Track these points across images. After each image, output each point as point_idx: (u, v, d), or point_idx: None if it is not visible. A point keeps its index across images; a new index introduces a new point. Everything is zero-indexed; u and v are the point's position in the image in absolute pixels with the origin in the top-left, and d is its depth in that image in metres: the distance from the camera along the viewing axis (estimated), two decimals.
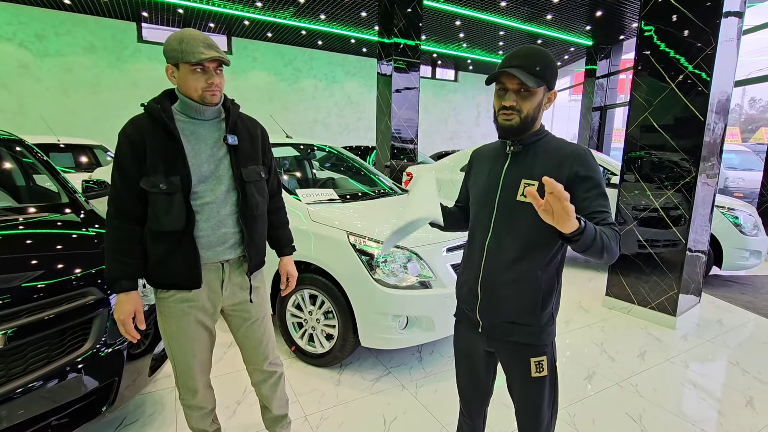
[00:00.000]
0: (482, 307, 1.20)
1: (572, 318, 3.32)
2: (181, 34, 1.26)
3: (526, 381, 1.19)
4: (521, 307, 1.15)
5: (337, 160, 4.12)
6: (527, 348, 1.17)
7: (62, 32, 9.49)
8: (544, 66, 1.07)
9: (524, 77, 1.04)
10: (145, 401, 2.11)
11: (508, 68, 1.06)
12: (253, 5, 8.92)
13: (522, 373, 1.19)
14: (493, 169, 1.20)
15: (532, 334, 1.17)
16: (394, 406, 2.16)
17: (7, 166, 2.69)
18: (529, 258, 1.12)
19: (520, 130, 1.12)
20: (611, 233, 1.01)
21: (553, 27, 10.08)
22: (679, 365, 2.65)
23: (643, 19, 3.18)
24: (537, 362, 1.17)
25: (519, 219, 1.12)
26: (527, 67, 1.06)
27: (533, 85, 1.05)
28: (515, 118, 1.10)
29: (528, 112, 1.10)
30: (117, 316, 1.31)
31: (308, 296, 2.46)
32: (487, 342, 1.24)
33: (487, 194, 1.19)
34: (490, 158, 1.24)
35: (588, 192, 1.07)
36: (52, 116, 9.12)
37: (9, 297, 1.42)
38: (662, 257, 3.20)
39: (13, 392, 1.35)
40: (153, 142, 1.26)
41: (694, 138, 2.97)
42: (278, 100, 12.17)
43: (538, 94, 1.09)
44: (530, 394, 1.20)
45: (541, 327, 1.16)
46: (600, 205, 1.06)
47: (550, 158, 1.11)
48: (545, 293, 1.14)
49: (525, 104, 1.09)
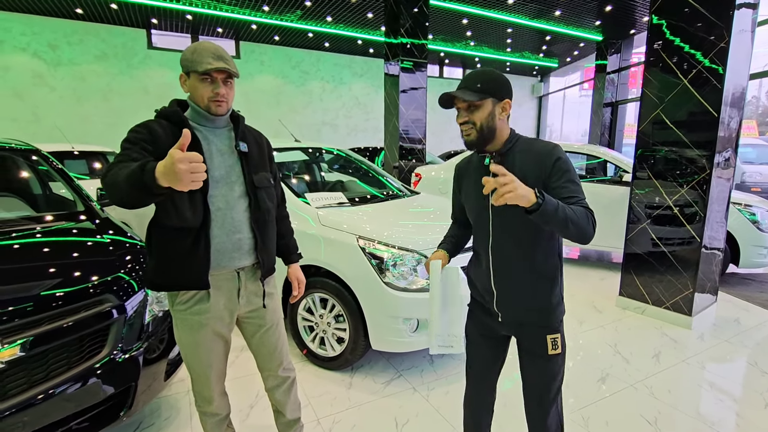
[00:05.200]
0: (499, 301, 1.33)
1: (585, 318, 3.29)
2: (195, 45, 1.30)
3: (543, 359, 1.32)
4: (534, 294, 1.29)
5: (345, 163, 4.13)
6: (543, 328, 1.31)
7: (74, 41, 9.67)
8: (485, 81, 1.22)
9: (464, 95, 1.21)
10: (160, 405, 2.15)
11: (453, 92, 1.23)
12: (261, 9, 8.99)
13: (540, 352, 1.32)
14: (479, 181, 1.23)
15: (547, 315, 1.31)
16: (405, 408, 2.16)
17: (24, 175, 2.76)
18: (529, 250, 1.27)
19: (480, 142, 1.25)
20: (580, 210, 1.15)
21: (562, 23, 9.98)
22: (695, 366, 2.60)
23: (654, 14, 3.13)
24: (552, 340, 1.31)
25: (512, 219, 1.25)
26: (468, 86, 1.23)
27: (474, 99, 1.20)
28: (473, 132, 1.24)
29: (481, 122, 1.23)
30: (174, 167, 0.97)
31: (319, 300, 2.48)
32: (506, 328, 1.38)
33: (479, 204, 1.33)
34: (473, 171, 1.37)
35: (559, 180, 1.21)
36: (66, 124, 9.30)
37: (31, 305, 1.46)
38: (677, 256, 3.15)
39: (35, 398, 1.38)
40: (170, 142, 1.25)
41: (707, 133, 2.92)
42: (286, 102, 12.25)
43: (485, 105, 1.22)
44: (544, 371, 1.33)
45: (553, 307, 1.31)
46: (570, 191, 1.20)
47: (528, 159, 1.25)
48: (551, 278, 1.30)
49: (475, 116, 1.23)
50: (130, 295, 1.74)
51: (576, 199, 1.18)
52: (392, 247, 2.29)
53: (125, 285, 1.76)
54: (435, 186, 5.31)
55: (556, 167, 1.21)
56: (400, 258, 2.28)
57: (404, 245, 2.31)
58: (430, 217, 2.93)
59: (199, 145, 1.31)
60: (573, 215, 1.12)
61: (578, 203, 1.17)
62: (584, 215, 1.15)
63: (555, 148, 1.24)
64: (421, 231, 2.55)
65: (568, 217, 1.11)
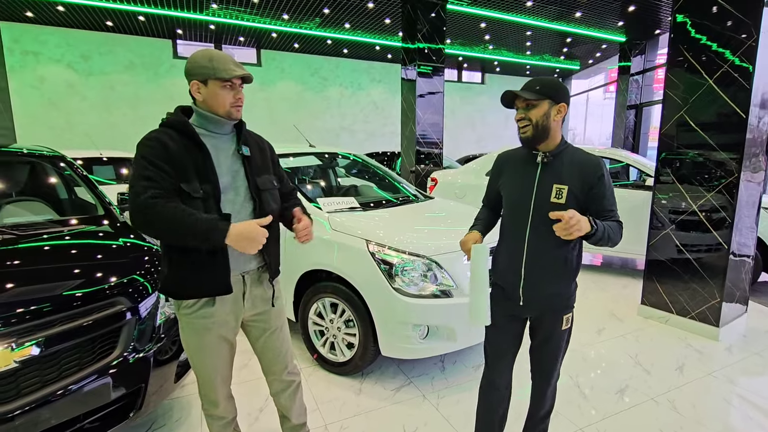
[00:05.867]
0: (526, 286, 1.47)
1: (605, 327, 3.18)
2: (210, 53, 1.31)
3: (557, 335, 1.51)
4: (560, 282, 1.47)
5: (362, 167, 4.14)
6: (561, 311, 1.50)
7: (105, 52, 10.11)
8: (544, 85, 1.38)
9: (524, 93, 1.38)
10: (172, 406, 2.18)
11: (515, 90, 1.40)
12: (281, 18, 9.17)
13: (556, 329, 1.50)
14: (527, 175, 1.47)
15: (567, 299, 1.50)
16: (414, 417, 2.13)
17: (50, 181, 2.87)
18: (562, 245, 1.41)
19: (535, 139, 1.41)
20: (615, 226, 1.39)
21: (583, 24, 9.78)
22: (722, 380, 2.47)
23: (677, 12, 3.03)
24: (567, 318, 1.51)
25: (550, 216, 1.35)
26: (529, 87, 1.40)
27: (533, 98, 1.37)
28: (529, 129, 1.40)
29: (537, 119, 1.38)
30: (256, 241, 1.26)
31: (329, 304, 2.48)
32: (526, 311, 1.52)
33: (522, 196, 1.46)
34: (519, 164, 1.51)
35: (603, 191, 1.40)
36: (96, 131, 9.71)
37: (47, 305, 1.51)
38: (702, 263, 3.01)
39: (48, 397, 1.42)
40: (183, 153, 1.29)
41: (735, 135, 2.79)
42: (305, 108, 12.43)
43: (542, 105, 1.38)
44: (559, 344, 1.52)
45: (571, 292, 1.51)
46: (611, 203, 1.42)
47: (575, 166, 1.41)
48: (575, 269, 1.48)
49: (532, 113, 1.39)
50: (143, 297, 1.78)
51: (612, 213, 1.41)
52: (402, 252, 2.27)
53: (139, 287, 1.80)
54: (451, 191, 5.26)
55: (600, 182, 1.40)
56: (410, 263, 2.26)
57: (415, 250, 2.29)
58: (444, 223, 2.89)
59: (207, 153, 1.33)
60: (612, 233, 1.36)
61: (612, 217, 1.41)
62: (618, 230, 1.40)
63: (600, 163, 1.41)
64: (433, 236, 2.52)
65: (609, 235, 1.35)
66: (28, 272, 1.72)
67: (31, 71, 9.54)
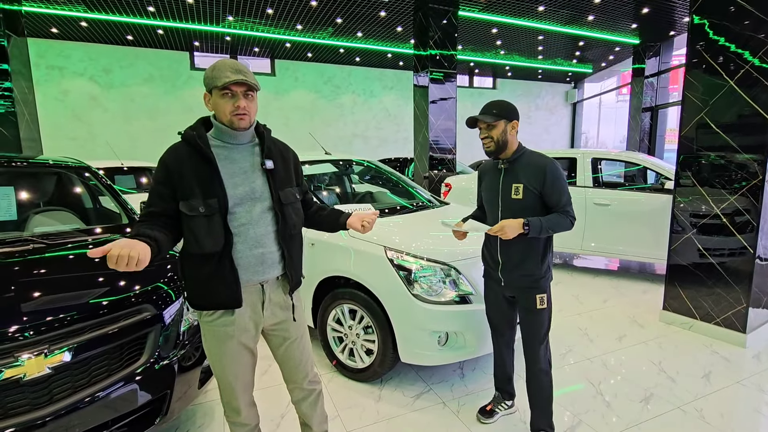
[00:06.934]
0: (503, 269, 1.86)
1: (626, 333, 3.11)
2: (216, 62, 1.33)
3: (533, 312, 1.83)
4: (528, 264, 1.80)
5: (376, 174, 4.16)
6: (534, 289, 1.82)
7: (125, 65, 10.40)
8: (499, 107, 1.78)
9: (484, 117, 1.78)
10: (195, 412, 2.21)
11: (476, 116, 1.80)
12: (294, 28, 9.32)
13: (531, 307, 1.83)
14: (494, 179, 1.88)
15: (537, 279, 1.81)
16: (434, 425, 2.11)
17: (76, 191, 2.97)
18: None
19: (497, 151, 1.81)
20: (556, 217, 1.74)
21: (596, 28, 9.70)
22: (751, 388, 2.40)
23: (695, 13, 2.99)
24: (540, 298, 1.82)
25: (515, 208, 1.79)
26: (486, 112, 1.78)
27: (491, 120, 1.77)
28: (492, 144, 1.80)
29: (497, 137, 1.78)
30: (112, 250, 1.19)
31: (348, 311, 2.49)
32: (508, 290, 1.90)
33: (492, 195, 1.88)
34: (490, 171, 1.93)
35: (553, 190, 1.75)
36: (116, 142, 9.96)
37: (75, 313, 1.55)
38: (726, 268, 2.94)
39: (79, 403, 1.46)
40: (190, 167, 1.32)
41: (758, 137, 2.73)
42: (319, 116, 12.55)
43: (499, 125, 1.77)
44: (535, 321, 1.84)
45: (542, 274, 1.81)
46: (559, 198, 1.75)
47: (529, 167, 1.78)
48: (543, 253, 1.81)
49: (492, 132, 1.79)
50: (168, 305, 1.82)
51: (559, 206, 1.75)
52: (420, 258, 2.28)
53: (163, 294, 1.84)
54: (466, 196, 5.24)
55: (548, 180, 1.73)
56: (429, 269, 2.26)
57: (433, 257, 2.29)
58: None
59: (215, 166, 1.33)
60: (553, 225, 1.72)
61: (562, 208, 1.75)
62: (561, 220, 1.74)
63: (550, 163, 1.75)
64: (450, 242, 2.51)
65: (551, 227, 1.72)
66: (57, 280, 1.77)
67: (55, 85, 9.86)
